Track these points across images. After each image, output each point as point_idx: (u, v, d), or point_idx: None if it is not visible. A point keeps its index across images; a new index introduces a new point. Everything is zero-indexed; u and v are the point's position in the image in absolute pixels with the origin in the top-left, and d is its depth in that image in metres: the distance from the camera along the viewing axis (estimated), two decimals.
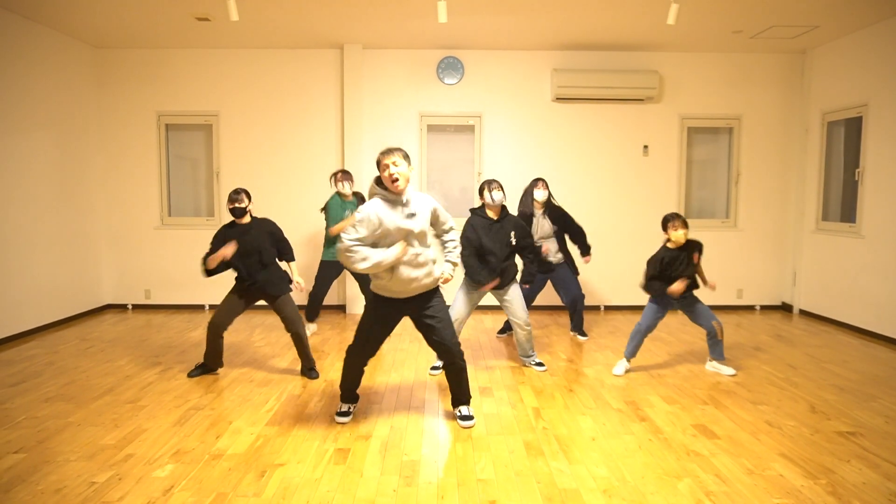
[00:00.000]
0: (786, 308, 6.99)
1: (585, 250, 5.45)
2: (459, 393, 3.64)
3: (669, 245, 4.41)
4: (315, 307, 5.66)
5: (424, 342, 5.44)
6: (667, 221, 4.37)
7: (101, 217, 6.82)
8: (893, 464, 3.05)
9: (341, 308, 6.97)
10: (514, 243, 4.42)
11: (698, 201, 7.11)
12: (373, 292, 3.50)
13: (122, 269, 6.94)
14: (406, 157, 3.30)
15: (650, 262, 4.43)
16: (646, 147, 6.89)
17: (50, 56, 5.95)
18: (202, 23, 5.77)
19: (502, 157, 6.88)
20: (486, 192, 4.41)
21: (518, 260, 5.00)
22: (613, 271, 6.98)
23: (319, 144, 6.84)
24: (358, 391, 3.76)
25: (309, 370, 4.45)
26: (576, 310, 5.55)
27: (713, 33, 6.07)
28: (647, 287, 4.43)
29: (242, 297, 4.34)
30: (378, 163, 3.27)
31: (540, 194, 5.26)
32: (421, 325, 3.52)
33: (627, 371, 4.57)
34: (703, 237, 6.92)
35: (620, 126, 6.87)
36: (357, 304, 6.81)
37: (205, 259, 4.16)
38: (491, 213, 4.44)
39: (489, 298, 6.74)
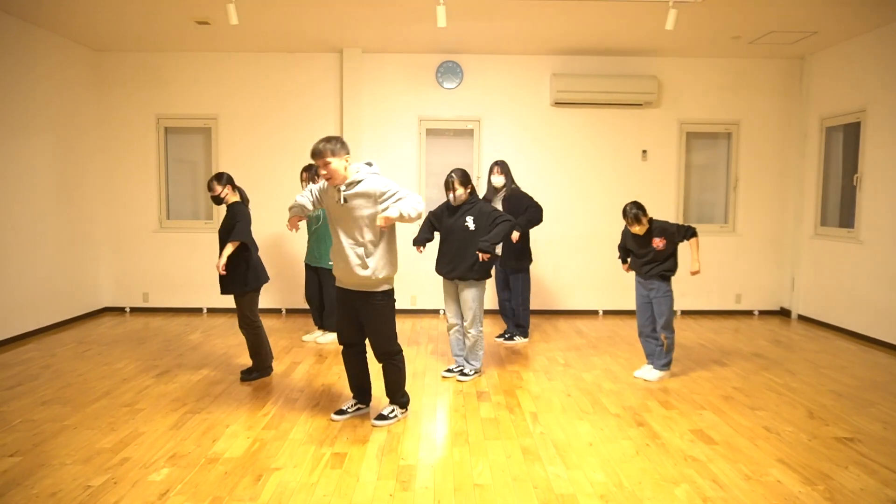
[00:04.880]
0: (784, 313, 6.99)
1: (519, 227, 5.14)
2: (387, 389, 3.70)
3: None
4: (316, 313, 5.61)
5: (420, 346, 5.45)
6: (623, 215, 4.46)
7: (99, 220, 6.82)
8: (891, 470, 3.05)
9: None
10: (471, 229, 4.29)
11: (697, 206, 7.11)
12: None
13: (121, 272, 6.94)
14: (335, 152, 3.27)
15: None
16: (644, 152, 6.90)
17: (50, 59, 5.95)
18: (202, 26, 5.78)
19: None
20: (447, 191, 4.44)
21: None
22: (612, 276, 6.98)
23: None
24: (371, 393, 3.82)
25: (248, 372, 4.47)
26: (515, 313, 5.64)
27: (712, 39, 6.08)
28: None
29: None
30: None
31: (496, 180, 5.37)
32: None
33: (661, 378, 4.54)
34: (702, 242, 6.90)
35: (619, 131, 6.88)
36: None
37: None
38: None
39: (487, 303, 6.75)
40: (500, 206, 5.31)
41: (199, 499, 2.72)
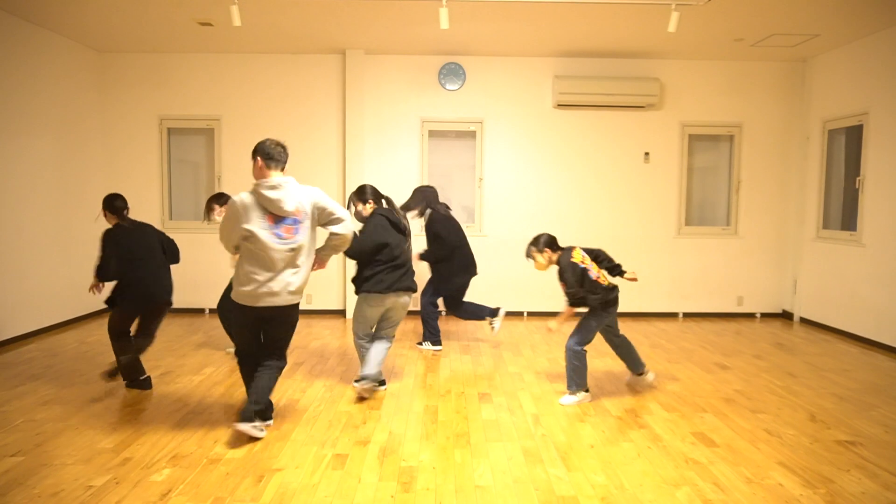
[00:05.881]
0: (786, 316, 6.98)
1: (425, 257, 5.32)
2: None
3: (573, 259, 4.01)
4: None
5: (423, 347, 5.45)
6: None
7: (102, 220, 6.81)
8: (893, 473, 3.04)
9: (341, 312, 6.97)
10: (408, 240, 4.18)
11: (699, 208, 7.11)
12: None
13: None
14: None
15: (580, 276, 3.97)
16: (647, 154, 6.90)
17: (54, 60, 5.97)
18: (205, 27, 5.79)
19: (503, 163, 6.89)
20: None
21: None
22: (613, 278, 6.96)
23: (321, 150, 6.85)
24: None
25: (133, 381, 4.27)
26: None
27: (714, 41, 6.08)
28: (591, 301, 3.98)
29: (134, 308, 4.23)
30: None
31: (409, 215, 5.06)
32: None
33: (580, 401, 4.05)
34: (704, 244, 6.97)
35: (621, 133, 6.88)
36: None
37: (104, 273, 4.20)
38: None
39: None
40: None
41: (201, 499, 2.72)
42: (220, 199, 4.84)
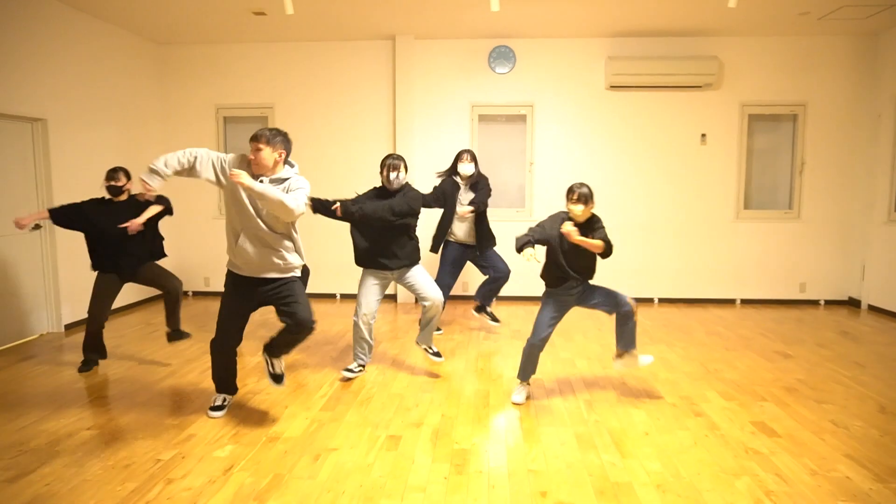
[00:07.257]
0: (853, 303, 6.68)
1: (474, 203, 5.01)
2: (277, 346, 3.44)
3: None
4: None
5: (465, 332, 5.46)
6: (570, 192, 3.52)
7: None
8: None
9: (391, 297, 7.05)
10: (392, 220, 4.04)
11: (758, 191, 6.85)
12: (227, 271, 3.42)
13: (182, 258, 7.20)
14: (270, 141, 3.16)
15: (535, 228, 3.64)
16: (703, 136, 6.68)
17: (117, 53, 6.20)
18: (258, 17, 5.90)
19: (555, 147, 6.79)
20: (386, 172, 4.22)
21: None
22: (668, 263, 6.82)
23: (372, 135, 6.91)
24: (238, 383, 3.71)
25: (175, 331, 4.50)
26: (497, 283, 5.19)
27: (777, 16, 5.81)
28: (518, 242, 3.55)
29: (112, 280, 4.46)
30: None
31: (466, 168, 4.99)
32: (277, 309, 3.35)
33: (528, 398, 3.83)
34: (764, 229, 6.71)
35: (677, 114, 6.67)
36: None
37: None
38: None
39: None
40: (467, 194, 5.06)
41: (262, 475, 2.82)
42: None
